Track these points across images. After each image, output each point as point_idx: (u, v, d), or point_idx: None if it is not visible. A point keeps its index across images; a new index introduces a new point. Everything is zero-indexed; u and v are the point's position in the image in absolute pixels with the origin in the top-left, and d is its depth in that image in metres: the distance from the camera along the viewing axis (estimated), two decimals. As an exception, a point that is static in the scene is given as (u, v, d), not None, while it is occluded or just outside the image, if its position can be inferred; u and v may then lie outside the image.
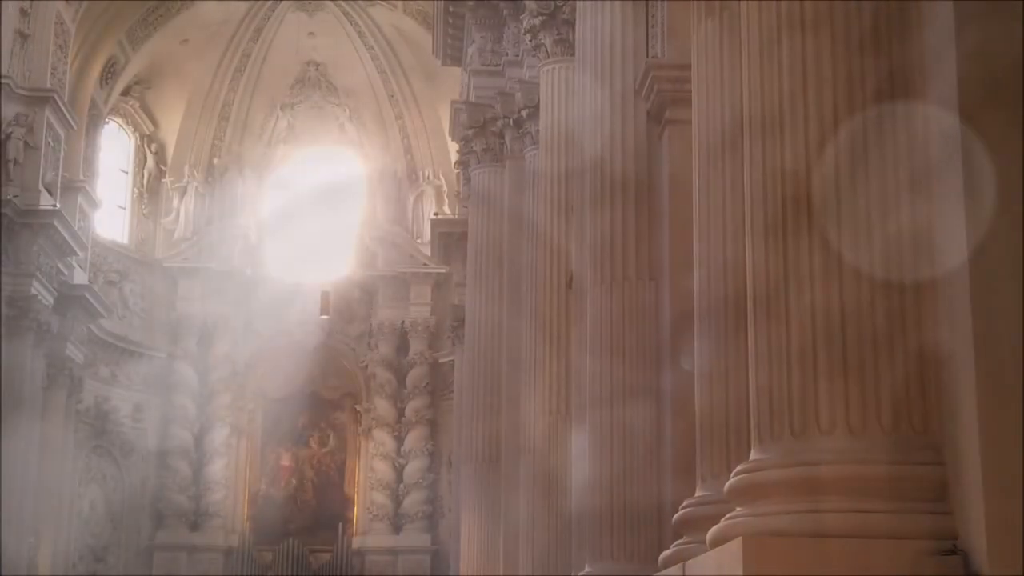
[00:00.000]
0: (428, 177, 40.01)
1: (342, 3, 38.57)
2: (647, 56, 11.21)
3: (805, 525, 4.79)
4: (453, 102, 29.27)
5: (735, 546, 4.78)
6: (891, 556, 4.70)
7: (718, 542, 5.17)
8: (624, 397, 10.59)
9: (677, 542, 6.52)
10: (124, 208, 39.21)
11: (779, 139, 5.22)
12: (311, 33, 39.29)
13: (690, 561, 5.44)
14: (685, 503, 6.49)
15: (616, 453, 10.50)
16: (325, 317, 38.99)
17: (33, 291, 29.46)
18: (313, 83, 40.51)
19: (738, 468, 5.26)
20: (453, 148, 39.17)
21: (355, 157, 41.16)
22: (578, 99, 12.45)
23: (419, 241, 39.69)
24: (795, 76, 5.18)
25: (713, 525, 6.10)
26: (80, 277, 33.46)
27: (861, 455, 4.87)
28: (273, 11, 38.72)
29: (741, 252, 6.50)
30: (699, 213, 6.63)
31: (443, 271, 37.72)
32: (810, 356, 5.01)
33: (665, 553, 6.50)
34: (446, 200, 39.64)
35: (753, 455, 5.18)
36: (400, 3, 37.30)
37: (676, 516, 6.53)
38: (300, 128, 40.82)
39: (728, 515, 5.26)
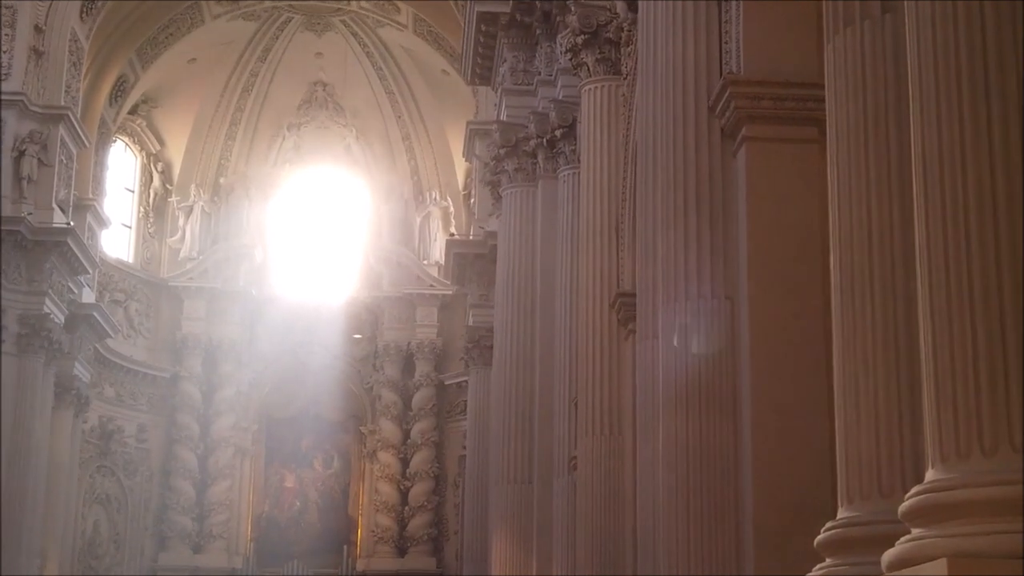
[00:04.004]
0: (435, 198, 39.90)
1: (350, 23, 38.49)
2: (720, 72, 11.09)
3: (1008, 546, 4.65)
4: (469, 123, 29.24)
5: (936, 568, 4.64)
6: (1101, 577, 4.57)
7: (901, 565, 5.01)
8: (700, 415, 10.45)
9: (821, 565, 6.37)
10: (130, 227, 39.01)
11: (960, 154, 5.09)
12: (319, 53, 39.23)
13: (864, 583, 5.31)
14: (829, 525, 6.33)
15: (693, 472, 10.35)
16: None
17: (46, 309, 29.27)
18: (320, 103, 40.43)
19: (916, 489, 5.11)
20: (460, 169, 39.21)
21: (361, 178, 41.04)
22: (642, 116, 12.32)
23: (425, 262, 39.58)
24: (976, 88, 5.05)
25: (867, 546, 5.97)
26: (88, 296, 33.27)
27: (1060, 473, 4.73)
28: (282, 31, 38.65)
29: (888, 267, 6.35)
30: (839, 229, 6.48)
31: (449, 292, 37.61)
32: (1000, 370, 4.87)
33: (810, 576, 6.36)
34: (452, 221, 39.53)
35: (935, 474, 5.03)
36: (409, 24, 37.21)
37: (819, 538, 6.38)
38: (307, 148, 40.71)
39: (906, 537, 5.12)
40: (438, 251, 38.87)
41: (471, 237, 31.67)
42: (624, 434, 15.59)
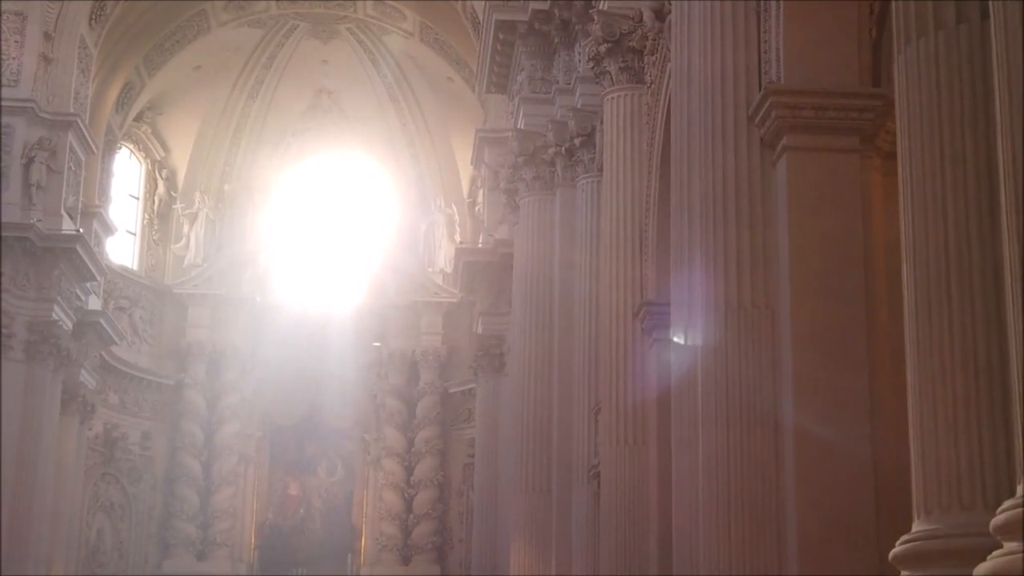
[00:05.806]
0: (439, 205, 39.81)
1: (356, 31, 38.43)
2: (760, 81, 11.05)
3: (1112, 561, 4.62)
4: (478, 130, 29.19)
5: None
6: None
7: (999, 579, 4.98)
8: (741, 426, 10.40)
9: (898, 579, 6.34)
10: (134, 234, 38.93)
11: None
12: (324, 60, 39.18)
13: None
14: (905, 538, 6.29)
15: (734, 482, 10.31)
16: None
17: (54, 316, 29.18)
18: (325, 110, 40.37)
19: (1010, 502, 5.08)
20: (465, 176, 39.16)
21: (366, 185, 40.99)
22: (678, 124, 12.27)
23: (430, 270, 39.50)
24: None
25: (948, 559, 5.93)
26: (94, 303, 33.17)
27: None
28: (287, 38, 38.58)
29: (966, 280, 6.30)
30: (913, 243, 6.43)
31: (454, 300, 37.56)
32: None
33: (888, 589, 6.32)
34: (457, 229, 39.47)
35: (1029, 489, 5.00)
36: (415, 31, 37.17)
37: (896, 551, 6.34)
38: (311, 155, 40.65)
39: (1000, 551, 5.09)
40: (443, 258, 38.83)
41: (479, 245, 31.58)
42: (648, 443, 15.55)
